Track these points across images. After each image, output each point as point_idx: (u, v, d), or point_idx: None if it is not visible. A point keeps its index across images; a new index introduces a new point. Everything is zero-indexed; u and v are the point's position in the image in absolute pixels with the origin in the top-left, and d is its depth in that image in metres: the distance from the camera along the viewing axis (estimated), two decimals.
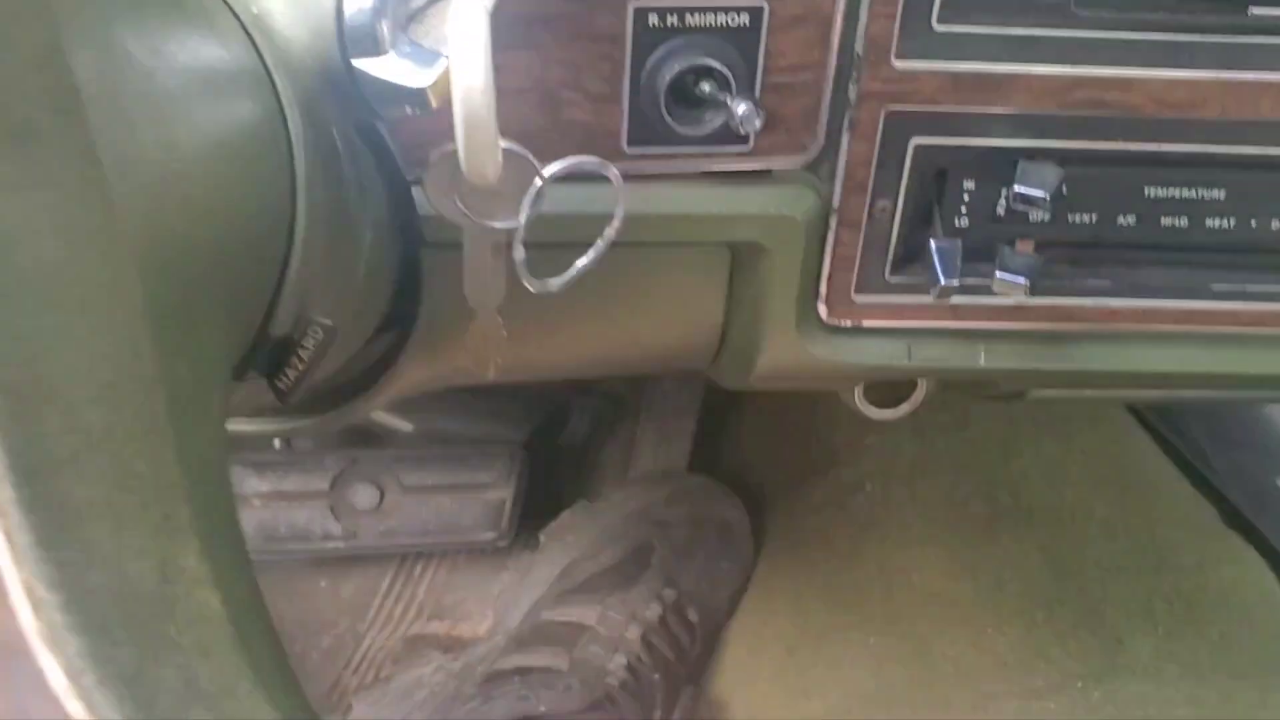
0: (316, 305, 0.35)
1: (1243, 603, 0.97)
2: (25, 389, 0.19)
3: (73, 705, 0.19)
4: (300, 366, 0.34)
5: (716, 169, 0.56)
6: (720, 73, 0.52)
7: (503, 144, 0.39)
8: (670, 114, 0.53)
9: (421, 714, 0.95)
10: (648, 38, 0.52)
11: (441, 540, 1.13)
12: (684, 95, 0.53)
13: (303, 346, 0.34)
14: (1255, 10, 0.52)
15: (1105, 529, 1.00)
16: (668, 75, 0.52)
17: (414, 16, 0.35)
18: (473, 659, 1.00)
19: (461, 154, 0.34)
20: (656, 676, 0.91)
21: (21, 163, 0.20)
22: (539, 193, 0.43)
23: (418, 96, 0.34)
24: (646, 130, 0.54)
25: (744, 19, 0.52)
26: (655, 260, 0.60)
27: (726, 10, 0.51)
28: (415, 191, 0.53)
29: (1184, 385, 0.65)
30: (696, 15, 0.51)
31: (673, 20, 0.52)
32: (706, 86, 0.52)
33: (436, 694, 0.97)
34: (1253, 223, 0.59)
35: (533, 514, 1.16)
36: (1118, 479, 1.04)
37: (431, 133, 0.46)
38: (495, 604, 1.10)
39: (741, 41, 0.52)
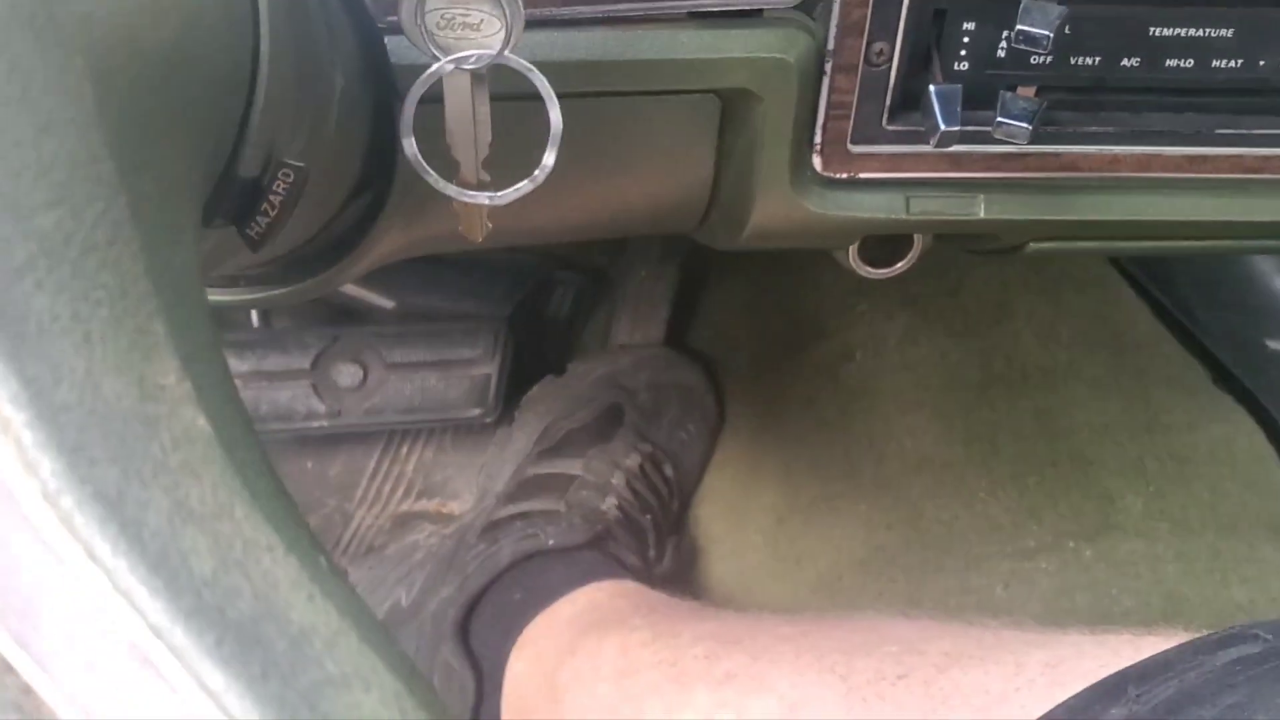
0: (286, 148, 0.33)
1: (1231, 460, 0.97)
2: None
3: (53, 532, 0.18)
4: (271, 213, 0.32)
5: (704, 7, 0.53)
6: None
7: None
8: None
9: (422, 570, 0.95)
10: None
11: (428, 417, 1.12)
12: None
13: (274, 191, 0.32)
14: None
15: (1097, 390, 1.00)
16: None
17: None
18: (465, 521, 1.00)
19: None
20: (647, 518, 0.93)
21: None
22: (514, 21, 0.40)
23: None
24: None
25: None
26: (641, 112, 0.57)
27: None
28: (388, 40, 0.51)
29: (1185, 235, 0.63)
30: None
31: None
32: None
33: (434, 553, 0.98)
34: (1260, 62, 0.57)
35: (518, 390, 1.15)
36: (1109, 341, 1.04)
37: None
38: (479, 475, 1.10)
39: None
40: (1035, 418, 0.98)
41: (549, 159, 0.43)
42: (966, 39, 0.55)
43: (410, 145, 0.43)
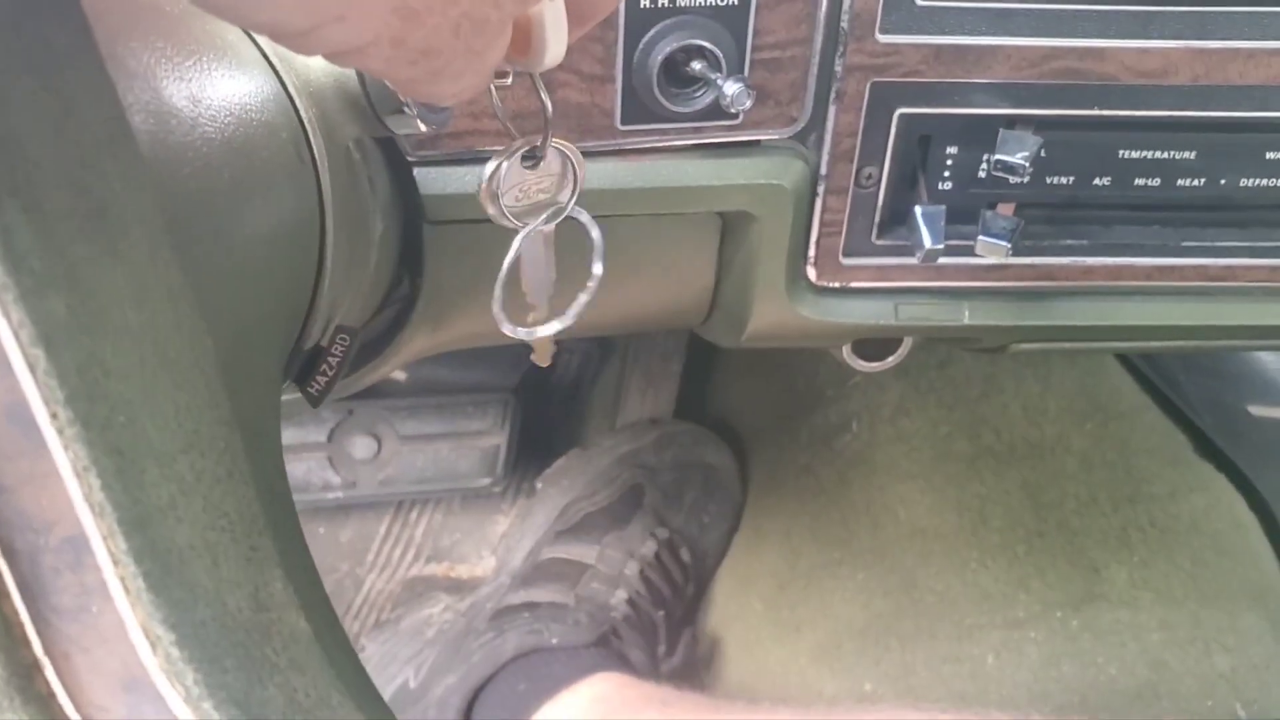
0: (340, 310, 0.37)
1: (1213, 530, 1.01)
2: (127, 447, 0.21)
3: None
4: (330, 372, 0.36)
5: (707, 141, 0.58)
6: (711, 51, 0.54)
7: (554, 142, 0.41)
8: (662, 93, 0.55)
9: (432, 650, 0.98)
10: (640, 19, 0.53)
11: (439, 487, 1.16)
12: (675, 74, 0.55)
13: (331, 354, 0.36)
14: None
15: (1083, 462, 1.04)
16: (659, 56, 0.54)
17: None
18: (480, 597, 1.04)
19: (550, 41, 0.34)
20: (660, 614, 0.95)
21: (101, 239, 0.22)
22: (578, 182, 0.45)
23: (440, 116, 0.36)
24: (639, 109, 0.56)
25: None
26: (649, 230, 0.62)
27: None
28: (418, 172, 0.55)
29: (1157, 337, 0.68)
30: None
31: (664, 1, 0.53)
32: (697, 65, 0.54)
33: (446, 631, 1.01)
34: (1221, 181, 0.62)
35: (524, 457, 1.19)
36: (1094, 413, 1.08)
37: None
38: (497, 547, 1.13)
39: (731, 20, 0.54)
40: (1023, 489, 1.02)
41: (597, 269, 0.47)
42: (950, 162, 0.60)
43: (499, 311, 0.46)
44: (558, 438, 1.21)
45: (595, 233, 0.44)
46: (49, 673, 0.21)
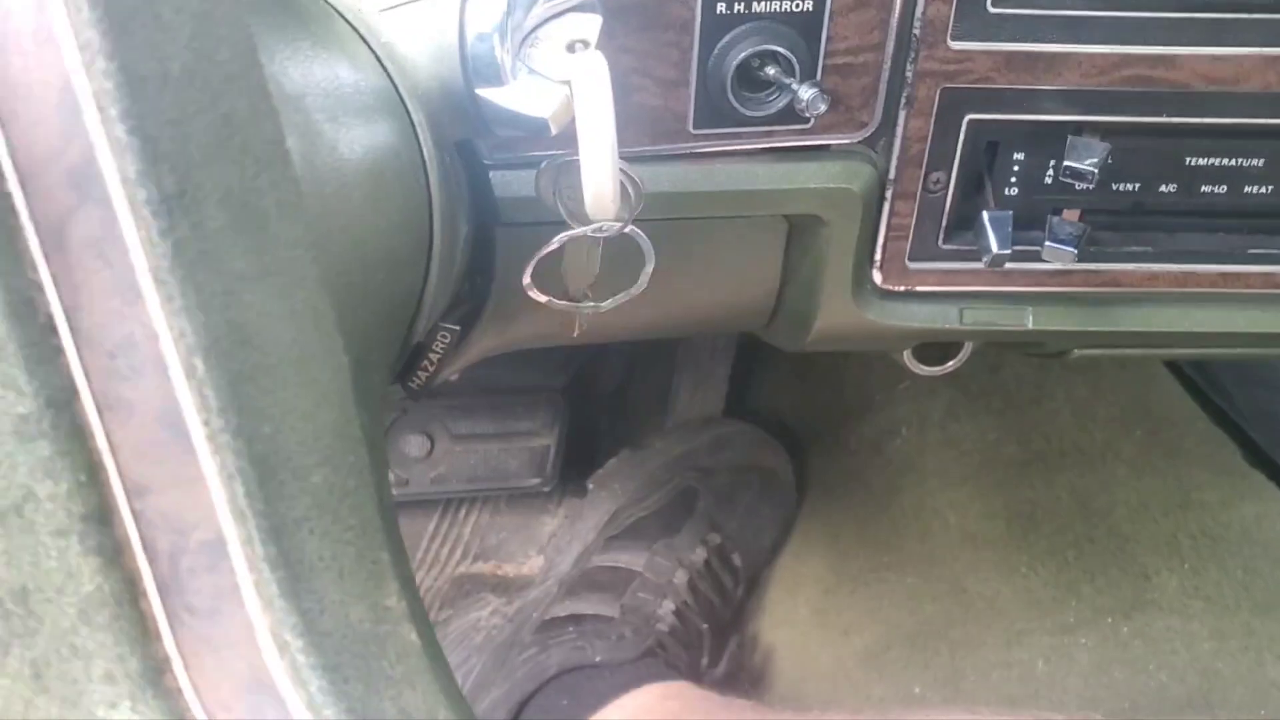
0: (439, 307, 0.38)
1: (1264, 539, 1.01)
2: (269, 458, 0.22)
3: None
4: (430, 368, 0.37)
5: (777, 145, 0.59)
6: (784, 56, 0.54)
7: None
8: (735, 97, 0.56)
9: (479, 658, 0.99)
10: (715, 25, 0.54)
11: (489, 486, 1.16)
12: (748, 78, 0.55)
13: (433, 350, 0.37)
14: None
15: (1133, 469, 1.04)
16: (734, 61, 0.54)
17: (526, 39, 0.38)
18: (526, 603, 1.04)
19: (587, 197, 0.36)
20: (705, 626, 0.95)
21: (254, 252, 0.23)
22: (637, 202, 0.46)
23: (539, 123, 0.37)
24: (712, 113, 0.56)
25: (808, 4, 0.54)
26: (717, 232, 0.63)
27: None
28: (494, 175, 0.56)
29: (1220, 344, 0.68)
30: (762, 2, 0.54)
31: (739, 7, 0.54)
32: (771, 70, 0.55)
33: (493, 638, 1.02)
34: None
35: (572, 458, 1.20)
36: (1144, 420, 1.08)
37: None
38: (546, 548, 1.14)
39: (805, 25, 0.55)
40: (1073, 495, 1.02)
41: (645, 275, 0.48)
42: (1016, 168, 0.60)
43: (532, 288, 0.47)
44: (606, 437, 1.21)
45: (650, 258, 0.45)
46: (178, 669, 0.22)
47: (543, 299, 0.52)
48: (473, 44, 0.36)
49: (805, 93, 0.53)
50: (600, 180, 0.36)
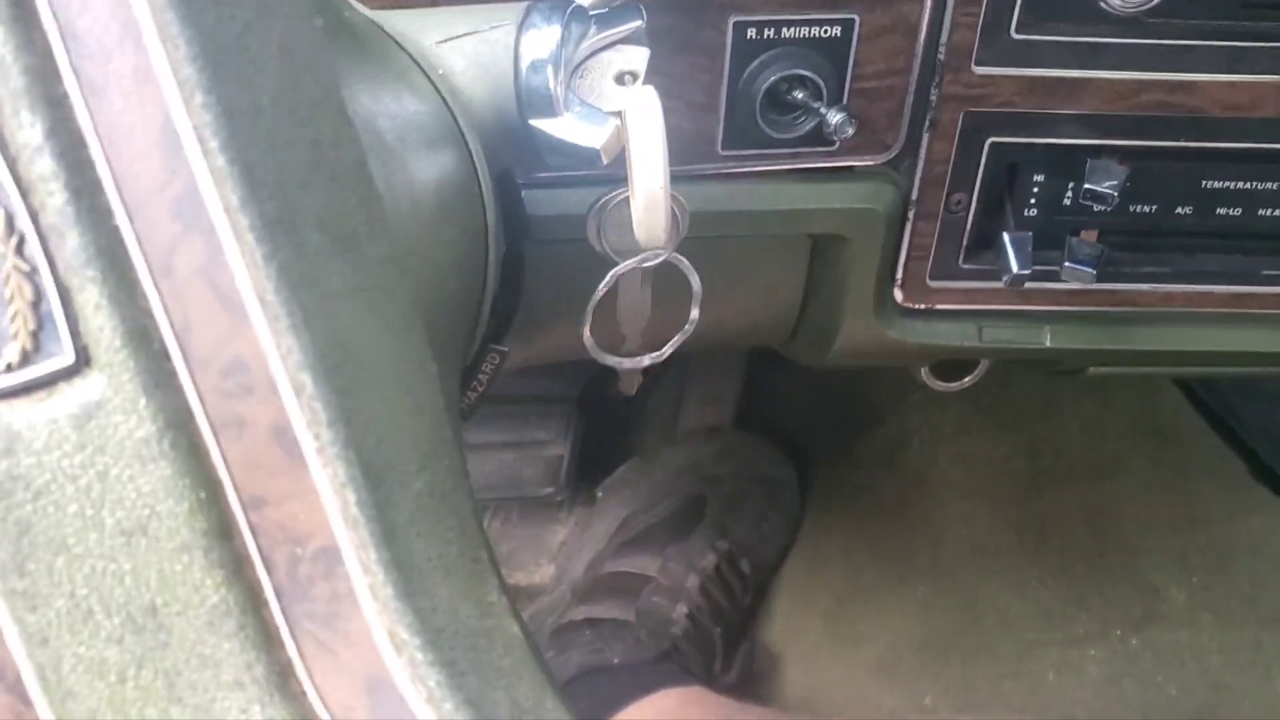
0: (488, 332, 0.39)
1: (1271, 553, 1.02)
2: (376, 466, 0.23)
3: None
4: (479, 389, 0.38)
5: (804, 167, 0.60)
6: (812, 81, 0.56)
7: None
8: (764, 120, 0.57)
9: None
10: (745, 50, 0.55)
11: (503, 495, 1.17)
12: (776, 101, 0.57)
13: (482, 371, 0.38)
14: None
15: (1141, 483, 1.05)
16: (763, 85, 0.56)
17: (576, 70, 0.39)
18: (541, 609, 1.05)
19: (640, 231, 0.38)
20: (718, 630, 0.96)
21: (349, 270, 0.24)
22: (683, 228, 0.47)
23: (591, 153, 0.38)
24: (741, 135, 0.58)
25: (836, 30, 0.55)
26: (742, 250, 0.64)
27: (820, 23, 0.55)
28: (526, 193, 0.57)
29: (1234, 363, 0.69)
30: (792, 28, 0.55)
31: (769, 33, 0.55)
32: (799, 94, 0.56)
33: None
34: None
35: (583, 466, 1.21)
36: (1152, 435, 1.09)
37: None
38: (557, 556, 1.15)
39: (832, 51, 0.56)
40: (1082, 509, 1.04)
41: (694, 313, 0.49)
42: (1036, 189, 0.62)
43: (589, 338, 0.48)
44: (617, 446, 1.22)
45: (695, 281, 0.46)
46: (301, 673, 0.24)
47: (610, 361, 0.52)
48: (526, 75, 0.37)
49: (834, 117, 0.54)
50: (653, 209, 0.37)
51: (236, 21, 0.22)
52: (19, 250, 0.20)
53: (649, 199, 0.37)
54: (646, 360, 0.51)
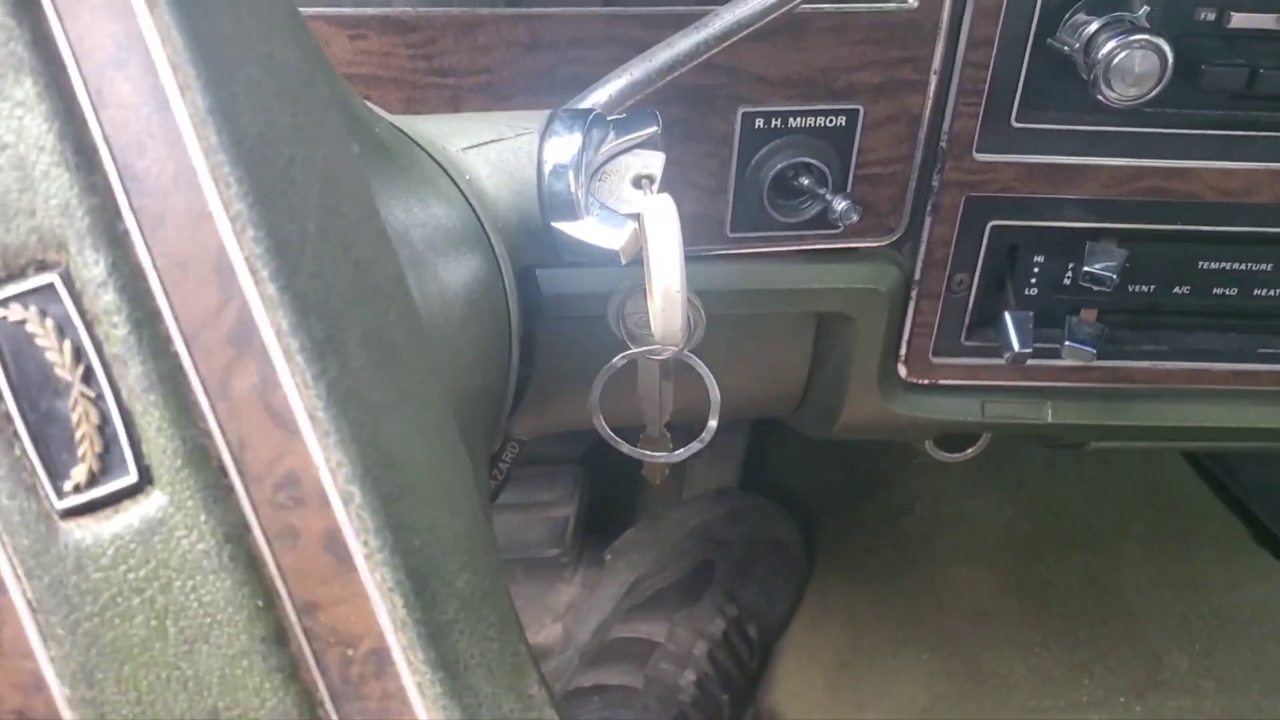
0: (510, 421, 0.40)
1: (1273, 620, 1.02)
2: (421, 569, 0.24)
3: None
4: (500, 477, 0.39)
5: (809, 249, 0.61)
6: (818, 168, 0.57)
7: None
8: (771, 204, 0.58)
9: None
10: (753, 138, 0.57)
11: (509, 556, 1.18)
12: (783, 186, 0.58)
13: (503, 460, 0.39)
14: None
15: (1143, 548, 1.06)
16: (770, 171, 0.57)
17: (595, 173, 0.41)
18: (549, 672, 1.06)
19: (657, 329, 0.39)
20: (725, 696, 0.96)
21: (391, 382, 0.25)
22: (697, 329, 0.48)
23: (610, 255, 0.40)
24: (748, 218, 0.59)
25: (841, 120, 0.57)
26: (749, 326, 0.65)
27: (825, 114, 0.57)
28: (540, 273, 0.59)
29: (1234, 439, 0.70)
30: (798, 118, 0.57)
31: (776, 123, 0.57)
32: (805, 180, 0.58)
33: None
34: None
35: (590, 528, 1.21)
36: (1154, 499, 1.10)
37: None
38: (564, 617, 1.16)
39: (838, 139, 0.58)
40: (1085, 574, 1.04)
41: (713, 423, 0.50)
42: (1037, 270, 0.63)
43: (599, 420, 0.50)
44: (622, 507, 1.23)
45: (714, 391, 0.48)
46: None
47: (625, 448, 0.54)
48: (549, 180, 0.39)
49: (839, 204, 0.56)
50: (670, 308, 0.39)
51: (282, 157, 0.24)
52: (86, 379, 0.22)
53: (666, 299, 0.39)
54: (663, 458, 0.52)
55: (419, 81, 0.54)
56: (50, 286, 0.22)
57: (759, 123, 0.57)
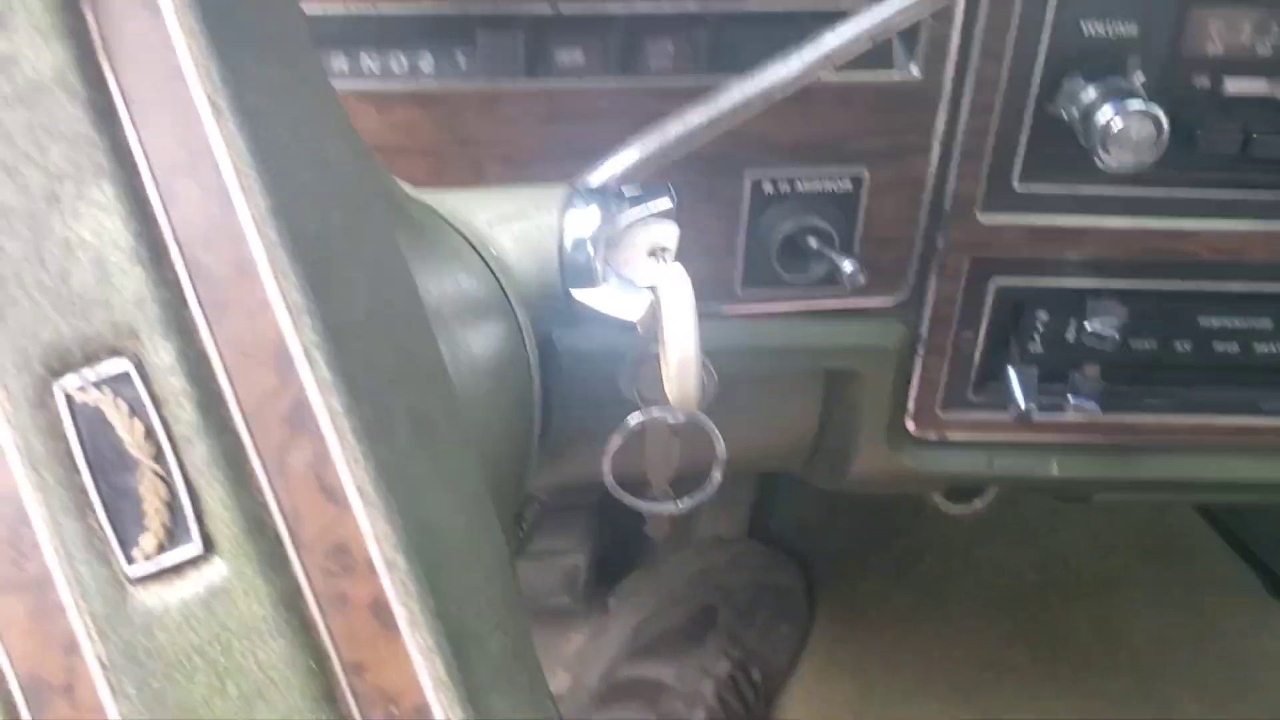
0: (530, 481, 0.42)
1: None
2: (459, 632, 0.26)
3: None
4: (521, 534, 0.41)
5: (818, 308, 0.63)
6: (826, 231, 0.59)
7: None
8: (780, 265, 0.60)
9: None
10: (762, 202, 0.59)
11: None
12: (792, 247, 0.60)
13: (525, 519, 0.41)
14: None
15: (1153, 597, 1.07)
16: (779, 234, 0.59)
17: (612, 243, 0.43)
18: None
19: (672, 396, 0.41)
20: None
21: (430, 456, 0.27)
22: (711, 393, 0.50)
23: (627, 325, 0.42)
24: (758, 278, 0.61)
25: (847, 184, 0.59)
26: (759, 383, 0.67)
27: (832, 178, 0.59)
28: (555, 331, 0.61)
29: (1239, 492, 0.71)
30: (805, 182, 0.59)
31: (784, 187, 0.59)
32: (813, 241, 0.60)
33: None
34: None
35: (604, 574, 1.23)
36: (1164, 548, 1.11)
37: None
38: (572, 664, 1.17)
39: (844, 202, 0.59)
40: (1094, 623, 1.05)
41: (717, 476, 0.52)
42: (1041, 327, 0.65)
43: (610, 479, 0.51)
44: (632, 554, 1.24)
45: (720, 446, 0.49)
46: None
47: (630, 503, 0.56)
48: (570, 251, 0.41)
49: (847, 267, 0.58)
50: (685, 376, 0.40)
51: (336, 252, 0.26)
52: (155, 456, 0.24)
53: (682, 368, 0.41)
54: (668, 509, 0.54)
55: (443, 151, 0.56)
56: (125, 373, 0.24)
57: (767, 186, 0.59)
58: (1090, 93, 0.56)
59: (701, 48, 0.56)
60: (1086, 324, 0.63)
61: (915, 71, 0.57)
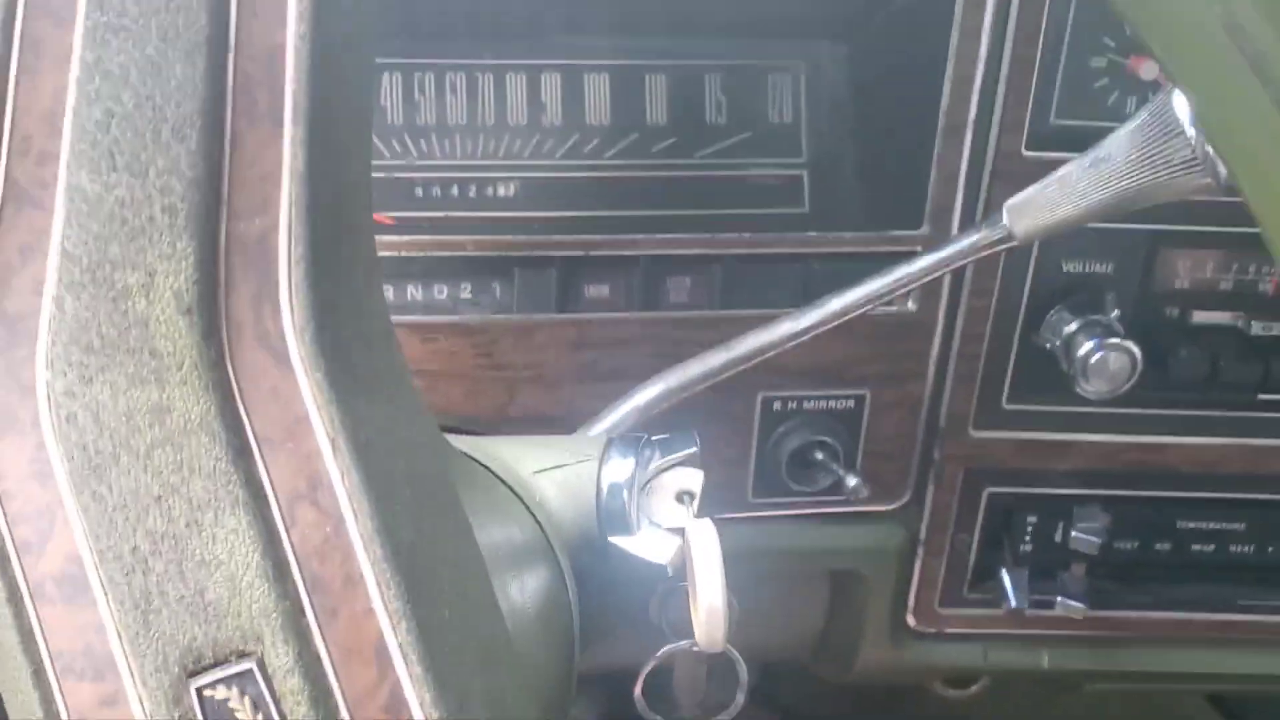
0: None
1: None
2: None
3: None
4: None
5: (823, 512, 0.68)
6: (831, 445, 0.64)
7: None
8: (789, 475, 0.65)
9: None
10: (772, 418, 0.64)
11: None
12: (800, 459, 0.65)
13: None
14: (1262, 396, 0.64)
15: None
16: (788, 448, 0.64)
17: (644, 487, 0.47)
18: None
19: (700, 638, 0.45)
20: None
21: (475, 652, 0.31)
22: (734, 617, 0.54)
23: (659, 569, 0.46)
24: (768, 486, 0.66)
25: (850, 404, 0.64)
26: (768, 581, 0.71)
27: (837, 398, 0.64)
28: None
29: (1221, 683, 0.75)
30: (812, 402, 0.64)
31: (792, 405, 0.64)
32: (819, 454, 0.64)
33: None
34: (1269, 549, 0.70)
35: None
36: None
37: None
38: None
39: (848, 420, 0.64)
40: None
41: (740, 698, 0.56)
42: (1030, 530, 0.69)
43: (641, 703, 0.55)
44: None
45: (743, 672, 0.53)
46: None
47: None
48: (607, 498, 0.45)
49: (850, 482, 0.63)
50: (713, 620, 0.44)
51: (427, 558, 0.30)
52: None
53: (710, 614, 0.45)
54: None
55: (480, 376, 0.61)
56: (250, 672, 0.28)
57: (777, 405, 0.64)
58: (1072, 325, 0.61)
59: (716, 283, 0.61)
60: (1073, 530, 0.67)
61: (911, 305, 0.62)
